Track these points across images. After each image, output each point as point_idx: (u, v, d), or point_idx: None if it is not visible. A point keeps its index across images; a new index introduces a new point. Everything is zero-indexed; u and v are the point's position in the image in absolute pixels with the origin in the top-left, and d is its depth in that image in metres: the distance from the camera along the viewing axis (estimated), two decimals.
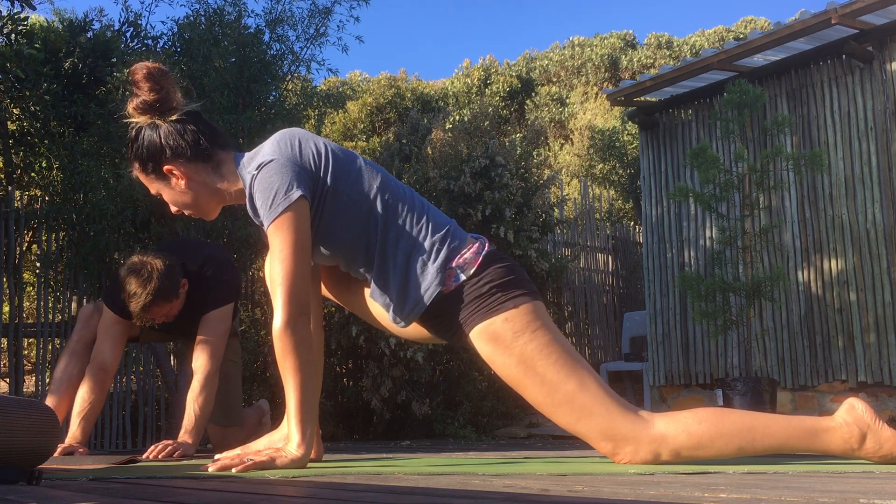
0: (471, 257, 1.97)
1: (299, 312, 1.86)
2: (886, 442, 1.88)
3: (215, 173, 2.03)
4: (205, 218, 2.12)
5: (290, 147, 1.93)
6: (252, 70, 5.57)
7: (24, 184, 6.21)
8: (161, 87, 2.00)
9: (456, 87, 17.10)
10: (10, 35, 5.38)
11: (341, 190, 1.95)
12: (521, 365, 1.91)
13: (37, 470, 1.43)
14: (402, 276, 1.96)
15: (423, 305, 1.96)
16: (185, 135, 2.01)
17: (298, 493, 1.23)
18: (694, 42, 18.12)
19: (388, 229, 1.96)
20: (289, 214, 1.86)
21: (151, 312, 2.91)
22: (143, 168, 2.04)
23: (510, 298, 1.94)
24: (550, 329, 1.94)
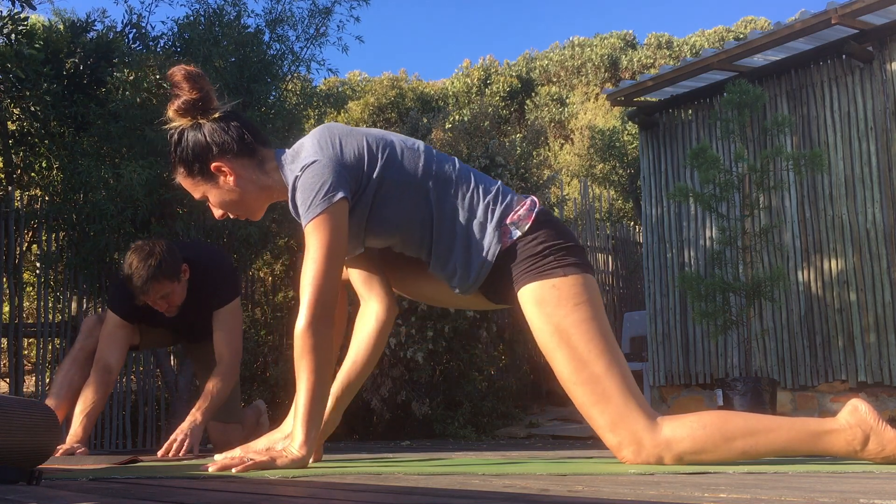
0: (524, 213, 2.00)
1: (323, 314, 1.87)
2: (889, 443, 1.88)
3: (260, 169, 2.03)
4: (251, 218, 2.10)
5: (331, 147, 1.93)
6: (252, 70, 5.57)
7: (24, 184, 6.21)
8: (201, 87, 2.01)
9: (456, 87, 17.11)
10: (11, 35, 5.38)
11: (389, 177, 1.95)
12: (556, 334, 1.92)
13: (37, 470, 1.43)
14: (464, 244, 1.98)
15: (489, 266, 1.98)
16: (230, 131, 2.00)
17: (298, 493, 1.23)
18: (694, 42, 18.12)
19: (443, 203, 1.98)
20: (326, 216, 1.86)
21: (153, 290, 2.92)
22: (188, 170, 2.01)
23: (561, 266, 1.95)
24: (593, 306, 1.94)
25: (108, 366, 3.05)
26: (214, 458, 1.87)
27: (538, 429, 7.14)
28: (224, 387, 2.98)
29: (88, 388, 3.01)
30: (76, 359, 3.13)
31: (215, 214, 2.08)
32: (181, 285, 3.03)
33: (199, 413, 2.89)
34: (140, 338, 3.29)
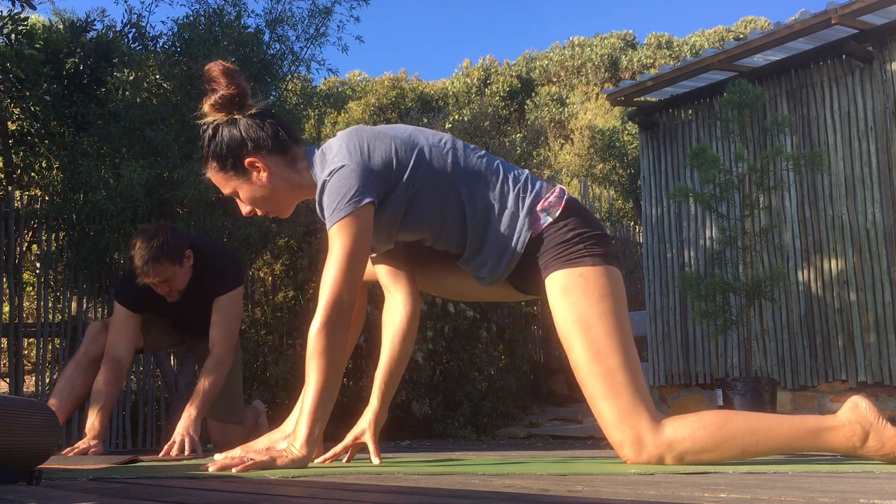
0: (554, 200, 2.02)
1: (340, 316, 1.88)
2: (889, 441, 1.89)
3: (292, 167, 2.03)
4: (280, 215, 2.11)
5: (359, 152, 1.93)
6: (252, 70, 5.56)
7: (24, 184, 6.21)
8: (238, 83, 2.01)
9: (456, 87, 17.11)
10: (11, 35, 5.38)
11: (419, 178, 1.97)
12: (578, 323, 1.93)
13: (37, 470, 1.43)
14: (495, 234, 2.00)
15: (519, 254, 2.00)
16: (265, 128, 2.01)
17: (298, 493, 1.23)
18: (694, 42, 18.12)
19: (474, 197, 2.00)
20: (351, 219, 1.88)
21: (154, 271, 2.95)
22: (221, 165, 2.01)
23: (590, 254, 1.97)
24: (617, 300, 1.96)
25: (118, 357, 3.08)
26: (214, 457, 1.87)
27: (538, 429, 7.14)
28: (216, 379, 2.99)
29: (100, 381, 3.04)
30: (79, 363, 3.15)
31: (243, 210, 2.08)
32: (184, 270, 3.05)
33: (192, 409, 2.92)
34: (145, 340, 3.30)
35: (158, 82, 5.71)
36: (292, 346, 6.93)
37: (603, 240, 2.02)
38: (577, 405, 8.67)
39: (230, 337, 3.09)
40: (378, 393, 2.19)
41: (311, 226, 7.02)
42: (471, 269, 2.09)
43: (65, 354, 6.08)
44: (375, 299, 6.48)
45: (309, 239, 6.96)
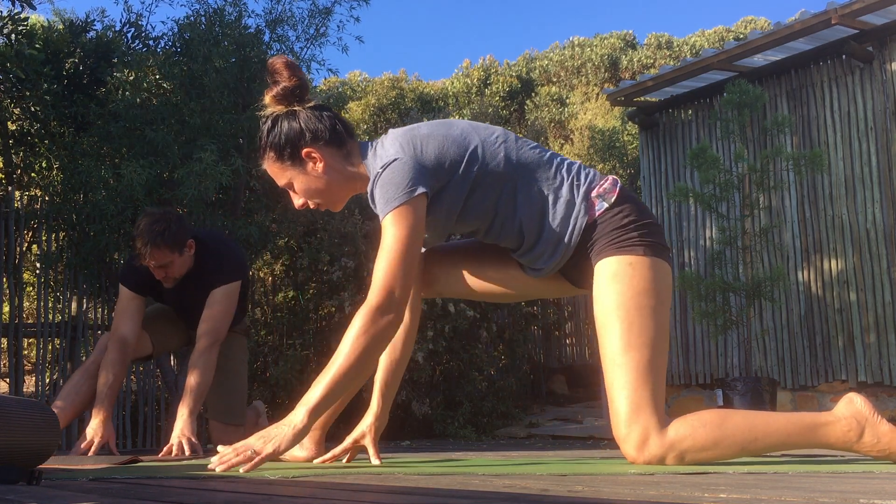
0: (609, 187, 2.02)
1: (388, 305, 1.85)
2: (884, 437, 1.90)
3: (347, 160, 2.04)
4: (332, 208, 2.11)
5: (412, 147, 1.95)
6: (252, 70, 5.56)
7: (24, 184, 6.21)
8: (300, 76, 2.04)
9: (456, 87, 17.11)
10: (11, 35, 5.38)
11: (473, 173, 1.98)
12: (617, 311, 1.94)
13: (37, 470, 1.43)
14: (552, 222, 2.00)
15: (575, 240, 1.99)
16: (323, 120, 2.03)
17: (298, 493, 1.23)
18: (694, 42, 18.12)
19: (529, 188, 2.00)
20: (404, 208, 1.88)
21: (151, 255, 2.97)
22: (279, 155, 2.02)
23: (643, 244, 1.97)
24: (660, 295, 1.96)
25: (124, 337, 3.10)
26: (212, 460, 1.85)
27: (538, 429, 7.14)
28: (202, 373, 2.99)
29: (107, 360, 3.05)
30: (87, 369, 3.16)
31: (296, 203, 2.09)
32: (183, 259, 3.07)
33: (184, 408, 2.93)
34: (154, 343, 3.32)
35: (158, 82, 5.71)
36: (292, 347, 6.93)
37: (656, 230, 2.03)
38: (577, 405, 8.68)
39: (216, 331, 3.08)
40: (378, 396, 2.18)
41: (312, 226, 7.02)
42: (527, 260, 2.08)
43: (65, 354, 6.08)
44: None
45: (309, 239, 6.96)
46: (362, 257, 6.50)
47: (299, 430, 1.80)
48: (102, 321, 6.31)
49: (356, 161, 2.04)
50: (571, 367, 9.73)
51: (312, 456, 2.22)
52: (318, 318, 7.20)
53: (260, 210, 6.19)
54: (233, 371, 3.32)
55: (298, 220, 6.88)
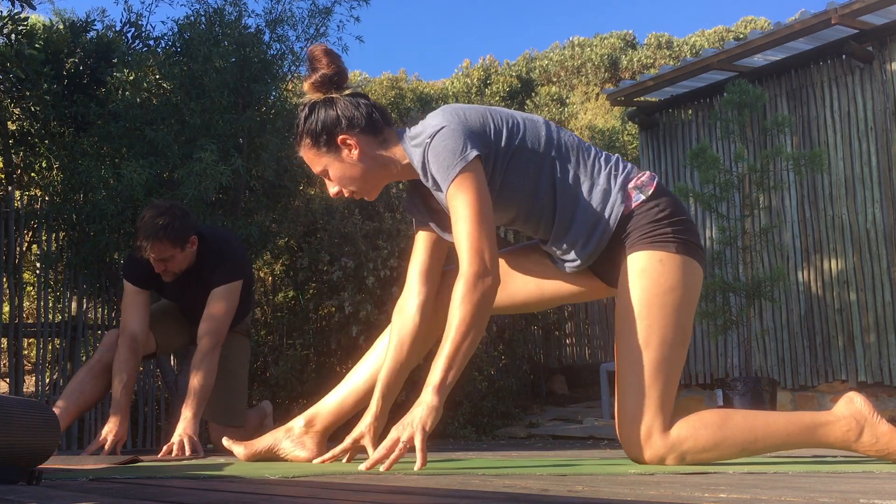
0: (647, 180, 2.01)
1: (485, 270, 1.84)
2: (883, 436, 1.91)
3: (383, 148, 2.04)
4: (367, 196, 2.10)
5: (456, 115, 1.95)
6: (252, 70, 5.56)
7: (24, 184, 6.21)
8: (338, 64, 2.05)
9: (456, 87, 17.11)
10: (11, 35, 5.38)
11: (512, 148, 1.97)
12: (637, 308, 1.92)
13: (37, 470, 1.43)
14: (587, 210, 1.98)
15: (611, 230, 1.97)
16: (360, 107, 2.03)
17: (298, 493, 1.23)
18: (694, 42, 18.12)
19: (566, 172, 1.99)
20: (467, 173, 1.87)
21: (152, 248, 2.96)
22: (315, 142, 2.03)
23: (675, 240, 1.95)
24: (685, 296, 1.95)
25: (134, 333, 3.10)
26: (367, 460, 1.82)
27: (538, 429, 7.13)
28: (205, 374, 2.99)
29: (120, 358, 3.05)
30: (92, 368, 3.16)
31: (331, 192, 2.09)
32: (184, 254, 3.06)
33: (187, 409, 2.93)
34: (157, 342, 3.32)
35: (158, 82, 5.71)
36: (292, 347, 6.93)
37: (691, 228, 2.01)
38: (577, 405, 8.67)
39: (218, 331, 3.07)
40: (379, 397, 2.15)
41: (312, 226, 7.02)
42: (560, 250, 2.05)
43: (65, 354, 6.08)
44: (375, 299, 6.48)
45: (309, 239, 6.96)
46: (362, 257, 6.50)
47: (434, 406, 1.83)
48: (102, 321, 6.31)
49: (393, 148, 2.04)
50: (571, 367, 9.72)
51: (313, 456, 2.22)
52: (318, 318, 7.19)
53: (260, 210, 6.19)
54: (232, 372, 3.31)
55: (298, 220, 6.88)
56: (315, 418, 2.23)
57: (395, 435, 1.80)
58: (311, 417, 2.23)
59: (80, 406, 3.11)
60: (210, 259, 3.13)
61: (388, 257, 6.41)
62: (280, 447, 2.21)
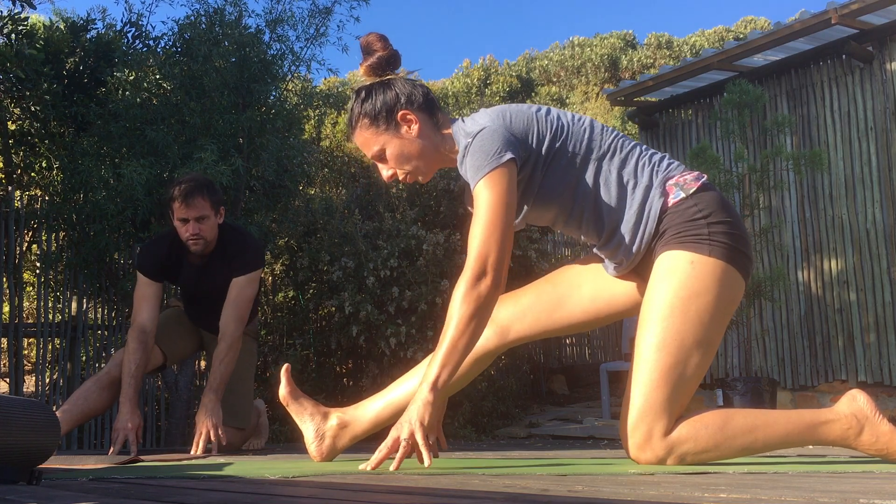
0: (690, 178, 1.97)
1: (486, 271, 1.86)
2: (883, 436, 1.91)
3: (437, 130, 2.07)
4: (421, 178, 2.11)
5: (502, 118, 1.97)
6: (252, 70, 5.56)
7: (24, 184, 6.21)
8: (392, 47, 2.09)
9: (456, 87, 17.11)
10: (11, 35, 5.38)
11: (556, 148, 1.98)
12: (661, 309, 1.88)
13: (37, 470, 1.43)
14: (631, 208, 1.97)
15: (652, 226, 1.94)
16: (417, 87, 2.07)
17: (298, 493, 1.23)
18: (694, 42, 18.12)
19: (610, 172, 1.98)
20: (496, 173, 1.88)
21: (194, 203, 3.04)
22: (373, 120, 2.04)
23: (709, 242, 1.89)
24: (715, 302, 1.88)
25: (143, 325, 3.13)
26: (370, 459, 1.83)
27: (538, 429, 7.13)
28: (229, 362, 3.06)
29: (129, 350, 3.08)
30: (99, 380, 3.18)
31: (384, 175, 2.10)
32: (215, 221, 3.13)
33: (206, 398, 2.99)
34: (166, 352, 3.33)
35: (158, 82, 5.71)
36: (292, 347, 6.93)
37: (734, 232, 1.92)
38: (577, 405, 8.67)
39: (242, 318, 3.14)
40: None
41: (312, 226, 7.02)
42: (609, 251, 2.04)
43: (65, 354, 6.08)
44: (375, 299, 6.48)
45: (309, 239, 6.96)
46: (362, 257, 6.50)
47: (429, 401, 1.82)
48: (102, 321, 6.31)
49: (446, 132, 2.06)
50: (571, 367, 9.73)
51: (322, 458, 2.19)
52: (318, 318, 7.19)
53: (260, 210, 6.19)
54: (238, 374, 3.31)
55: (298, 220, 6.88)
56: (351, 424, 2.21)
57: (394, 434, 1.81)
58: (348, 422, 2.21)
59: (84, 413, 3.13)
60: (232, 245, 3.19)
61: (388, 257, 6.41)
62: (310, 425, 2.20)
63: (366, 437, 2.28)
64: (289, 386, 2.21)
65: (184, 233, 3.09)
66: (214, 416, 2.92)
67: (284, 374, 2.20)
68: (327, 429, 2.20)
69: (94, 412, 3.18)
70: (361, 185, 7.91)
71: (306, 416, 2.21)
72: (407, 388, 2.20)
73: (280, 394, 2.21)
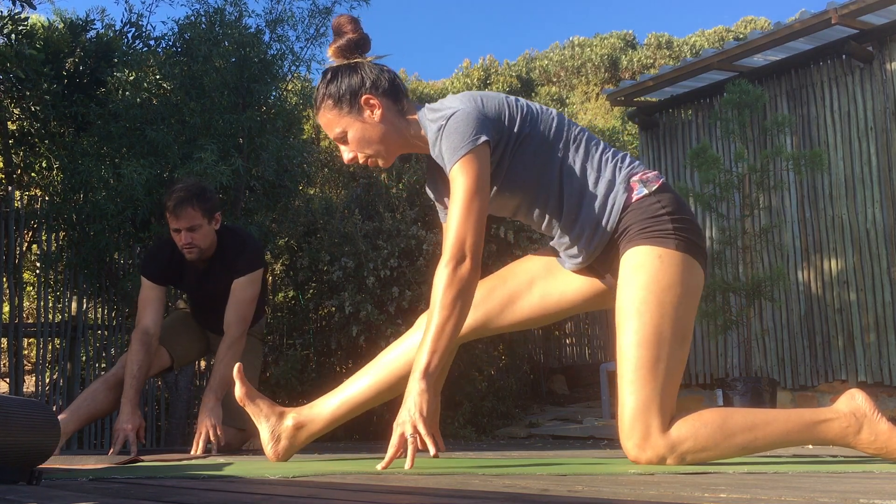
0: (652, 176, 2.01)
1: (464, 254, 1.88)
2: (882, 434, 1.91)
3: (402, 117, 2.08)
4: (382, 163, 2.12)
5: (474, 101, 1.98)
6: (252, 70, 5.56)
7: (24, 184, 6.21)
8: (362, 31, 2.11)
9: (456, 88, 17.11)
10: (11, 35, 5.38)
11: (524, 134, 2.00)
12: (634, 305, 1.90)
13: (37, 470, 1.43)
14: (592, 201, 1.99)
15: (614, 222, 1.97)
16: (384, 72, 2.09)
17: (298, 493, 1.23)
18: (694, 42, 18.12)
19: (573, 163, 2.01)
20: (470, 156, 1.90)
21: (184, 213, 3.04)
22: (336, 103, 2.06)
23: (675, 237, 1.93)
24: (684, 295, 1.91)
25: (146, 328, 3.15)
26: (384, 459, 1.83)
27: (538, 429, 7.14)
28: (228, 362, 3.06)
29: (132, 351, 3.11)
30: (107, 380, 3.21)
31: (345, 157, 2.11)
32: (209, 229, 3.13)
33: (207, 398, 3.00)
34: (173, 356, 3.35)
35: (158, 82, 5.70)
36: (292, 347, 6.93)
37: (693, 227, 1.98)
38: (577, 405, 8.68)
39: (245, 318, 3.15)
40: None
41: (312, 226, 7.02)
42: (566, 243, 2.06)
43: (65, 354, 6.08)
44: (375, 299, 6.48)
45: (309, 239, 6.96)
46: (362, 257, 6.50)
47: (423, 390, 1.83)
48: (102, 321, 6.31)
49: (410, 117, 2.08)
50: (571, 367, 9.73)
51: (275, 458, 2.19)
52: (318, 318, 7.19)
53: (260, 210, 6.19)
54: None
55: (298, 220, 6.88)
56: (307, 424, 2.20)
57: (399, 431, 1.82)
58: (303, 422, 2.20)
59: (91, 414, 3.16)
60: (233, 247, 3.21)
61: (388, 257, 6.41)
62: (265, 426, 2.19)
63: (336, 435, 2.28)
64: (244, 387, 2.19)
65: (178, 242, 3.12)
66: (214, 417, 2.92)
67: (237, 374, 2.19)
68: (283, 430, 2.19)
69: (101, 413, 3.20)
70: (361, 185, 7.91)
71: (262, 417, 2.21)
72: (361, 384, 2.20)
73: (236, 394, 2.20)
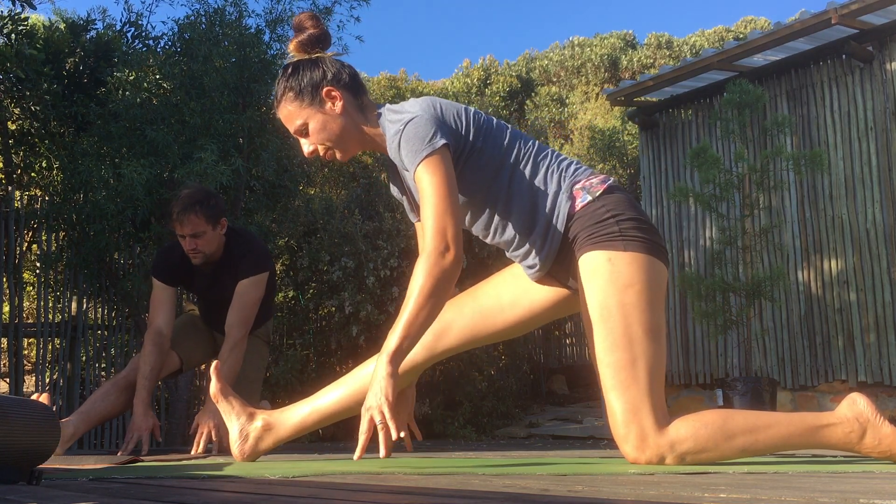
0: (596, 182, 2.02)
1: (446, 248, 1.89)
2: (885, 438, 1.90)
3: (361, 113, 2.10)
4: (341, 157, 2.13)
5: (432, 106, 2.01)
6: (252, 70, 5.56)
7: (24, 184, 6.21)
8: (323, 27, 2.13)
9: (456, 87, 17.10)
10: (11, 35, 5.38)
11: (478, 145, 2.02)
12: (598, 311, 1.91)
13: (37, 470, 1.43)
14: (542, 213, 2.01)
15: (560, 232, 1.99)
16: (345, 67, 2.12)
17: (298, 493, 1.23)
18: (694, 42, 18.11)
19: (523, 176, 2.03)
20: (433, 157, 1.92)
21: (188, 221, 3.08)
22: (298, 95, 2.07)
23: (623, 238, 1.93)
24: (646, 291, 1.91)
25: (159, 329, 3.18)
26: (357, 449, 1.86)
27: (538, 429, 7.14)
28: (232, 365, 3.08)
29: (145, 352, 3.13)
30: (117, 382, 3.24)
31: (305, 150, 2.12)
32: (214, 235, 3.16)
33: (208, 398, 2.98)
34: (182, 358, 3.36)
35: (158, 82, 5.71)
36: (292, 347, 6.93)
37: (642, 225, 1.97)
38: (577, 405, 8.67)
39: (247, 320, 3.16)
40: None
41: (312, 226, 7.02)
42: (520, 256, 2.08)
43: (65, 354, 6.08)
44: (375, 299, 6.48)
45: (309, 239, 6.96)
46: (362, 257, 6.50)
47: (389, 374, 1.83)
48: (102, 321, 6.31)
49: (370, 115, 2.10)
50: (571, 367, 9.73)
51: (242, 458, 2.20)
52: (318, 318, 7.20)
53: (260, 210, 6.19)
54: (247, 375, 3.33)
55: (298, 220, 6.88)
56: (275, 427, 2.20)
57: (367, 416, 1.82)
58: (272, 425, 2.20)
59: (101, 415, 3.17)
60: (239, 249, 3.23)
61: (388, 257, 6.41)
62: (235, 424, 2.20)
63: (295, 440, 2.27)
64: (219, 383, 2.21)
65: (184, 247, 3.16)
66: (215, 417, 2.92)
67: (214, 371, 2.21)
68: (251, 429, 2.20)
69: (112, 414, 3.22)
70: (361, 185, 7.91)
71: (233, 414, 2.22)
72: (334, 396, 2.21)
73: (210, 391, 2.22)
